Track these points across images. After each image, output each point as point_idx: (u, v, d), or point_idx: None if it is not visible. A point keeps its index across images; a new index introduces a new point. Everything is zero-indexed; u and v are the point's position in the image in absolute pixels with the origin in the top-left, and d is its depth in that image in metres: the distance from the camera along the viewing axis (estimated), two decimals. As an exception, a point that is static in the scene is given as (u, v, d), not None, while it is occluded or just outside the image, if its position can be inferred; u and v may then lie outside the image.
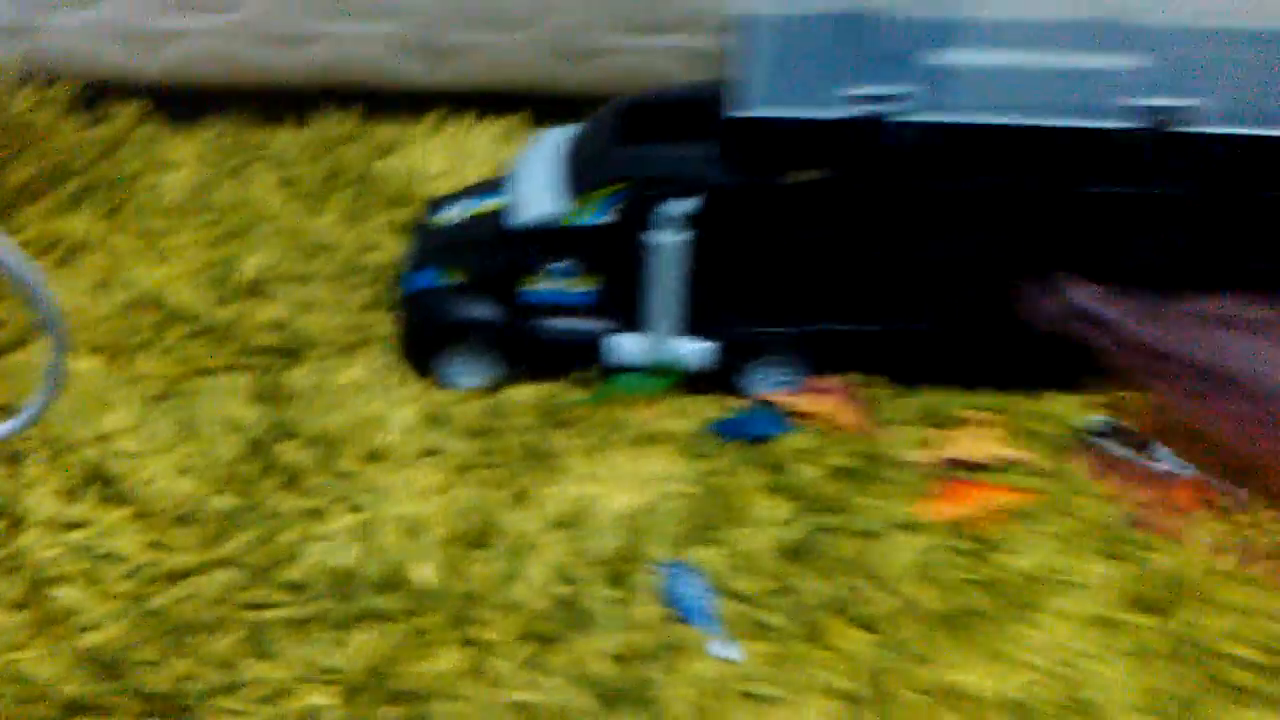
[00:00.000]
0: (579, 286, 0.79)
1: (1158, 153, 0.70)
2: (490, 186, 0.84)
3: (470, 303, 0.80)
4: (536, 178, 0.78)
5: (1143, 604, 0.70)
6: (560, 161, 0.78)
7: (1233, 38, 0.76)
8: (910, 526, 0.74)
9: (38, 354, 0.84)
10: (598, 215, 0.75)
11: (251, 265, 0.90)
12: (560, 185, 0.76)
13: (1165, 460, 0.79)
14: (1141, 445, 0.78)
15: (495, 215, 0.80)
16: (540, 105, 1.02)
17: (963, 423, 0.81)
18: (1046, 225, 0.75)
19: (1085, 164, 0.71)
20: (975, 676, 0.67)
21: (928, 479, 0.77)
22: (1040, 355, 0.80)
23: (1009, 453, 0.79)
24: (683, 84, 0.82)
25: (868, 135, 0.71)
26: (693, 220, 0.74)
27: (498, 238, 0.79)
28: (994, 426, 0.80)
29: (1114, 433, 0.78)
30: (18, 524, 0.73)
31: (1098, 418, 0.79)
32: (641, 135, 0.76)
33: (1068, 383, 0.82)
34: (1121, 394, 0.81)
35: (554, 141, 0.81)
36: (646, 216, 0.74)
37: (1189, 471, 0.77)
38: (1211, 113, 0.69)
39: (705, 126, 0.74)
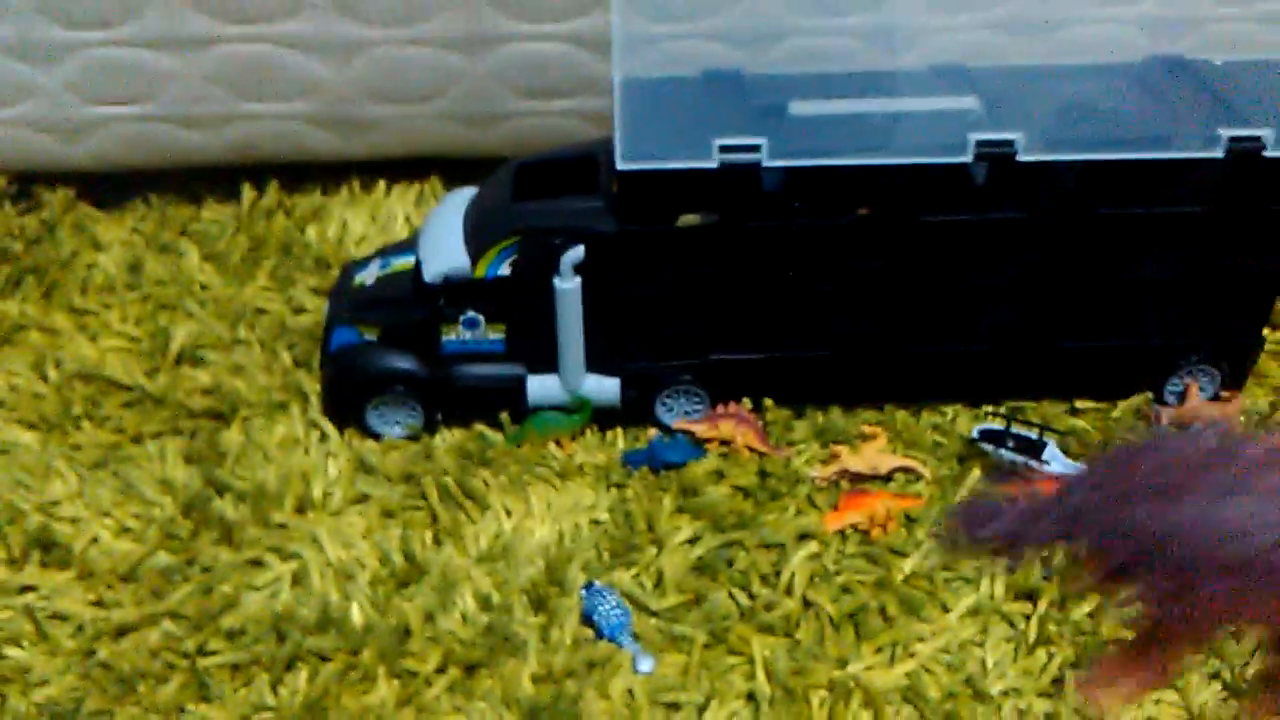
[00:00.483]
0: (489, 335, 0.84)
1: (994, 182, 0.77)
2: (401, 247, 0.90)
3: (389, 356, 0.85)
4: (442, 237, 0.83)
5: (1021, 594, 0.76)
6: (463, 220, 0.84)
7: (1051, 74, 0.85)
8: (810, 536, 0.79)
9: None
10: (496, 267, 0.81)
11: (182, 335, 0.95)
12: (463, 242, 0.82)
13: (1055, 462, 0.85)
14: (1031, 449, 0.84)
15: (405, 274, 0.86)
16: (450, 169, 1.08)
17: (856, 438, 0.87)
18: (906, 252, 0.82)
19: (933, 195, 0.79)
20: (871, 670, 0.72)
21: (825, 491, 0.83)
22: (934, 371, 0.87)
23: (902, 463, 0.85)
24: (572, 144, 0.88)
25: (743, 181, 0.77)
26: (586, 267, 0.80)
27: (408, 294, 0.84)
28: (888, 440, 0.86)
29: (1004, 439, 0.84)
30: (-36, 593, 0.76)
31: (988, 426, 0.86)
32: (533, 192, 0.82)
33: (961, 396, 0.89)
34: (1013, 404, 0.88)
35: (458, 202, 0.86)
36: (542, 266, 0.80)
37: (1075, 470, 0.83)
38: (1037, 143, 0.76)
39: (593, 181, 0.81)
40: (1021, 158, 0.75)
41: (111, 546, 0.79)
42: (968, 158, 0.75)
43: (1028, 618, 0.74)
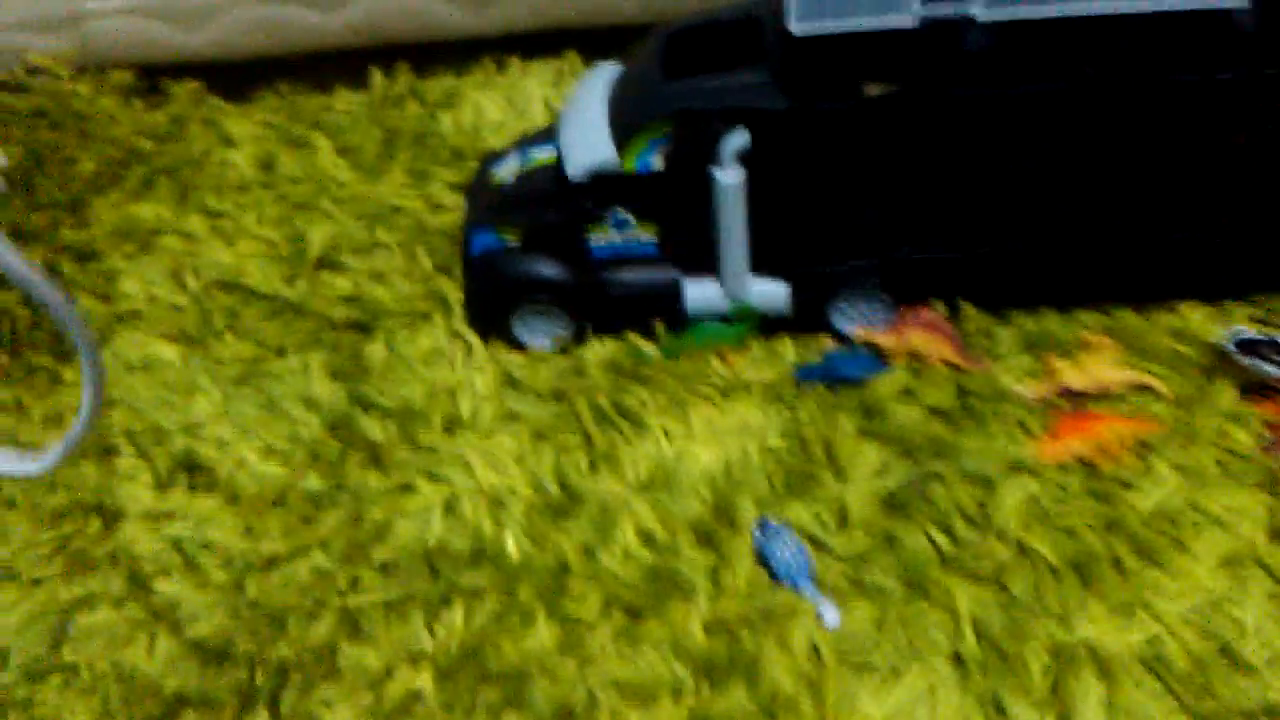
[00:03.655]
0: (640, 236, 0.75)
1: (1268, 28, 0.61)
2: (540, 137, 0.81)
3: (534, 262, 0.77)
4: (584, 125, 0.73)
5: (1288, 539, 0.64)
6: (607, 104, 0.74)
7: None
8: (1023, 468, 0.69)
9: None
10: (646, 159, 0.71)
11: (319, 238, 0.90)
12: (608, 129, 0.72)
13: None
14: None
15: (546, 169, 0.77)
16: (588, 41, 0.97)
17: (1076, 347, 0.74)
18: (1148, 120, 0.67)
19: (1187, 49, 0.63)
20: (1104, 631, 0.62)
21: (1040, 414, 0.71)
22: (1162, 264, 0.73)
23: (1130, 377, 0.72)
24: (730, 6, 0.76)
25: (944, 42, 0.64)
26: (752, 153, 0.69)
27: (550, 193, 0.76)
28: (1111, 349, 0.74)
29: (1261, 346, 0.70)
30: (115, 519, 0.75)
31: (1240, 330, 0.72)
32: (687, 66, 0.70)
33: (1199, 293, 0.75)
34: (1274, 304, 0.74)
35: (600, 82, 0.76)
36: (699, 155, 0.70)
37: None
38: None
39: (758, 50, 0.69)
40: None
41: (259, 470, 0.76)
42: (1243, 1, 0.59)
43: (1296, 570, 0.62)
